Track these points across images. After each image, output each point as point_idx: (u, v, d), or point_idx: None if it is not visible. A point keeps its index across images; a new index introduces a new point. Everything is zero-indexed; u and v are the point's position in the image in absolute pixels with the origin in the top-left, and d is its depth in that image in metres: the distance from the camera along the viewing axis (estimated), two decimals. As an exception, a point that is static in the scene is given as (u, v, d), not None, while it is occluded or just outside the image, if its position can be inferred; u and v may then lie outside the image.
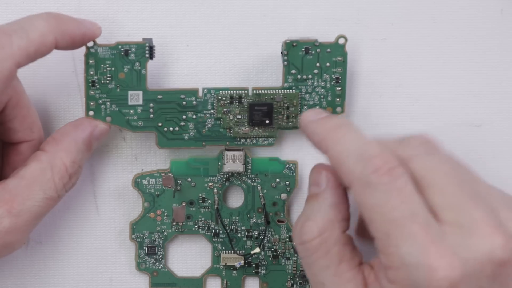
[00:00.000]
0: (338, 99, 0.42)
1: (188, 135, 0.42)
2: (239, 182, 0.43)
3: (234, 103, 0.41)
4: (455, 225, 0.34)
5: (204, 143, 0.42)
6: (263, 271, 0.44)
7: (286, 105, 0.42)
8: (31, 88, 0.43)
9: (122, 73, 0.41)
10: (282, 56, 0.42)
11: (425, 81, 0.44)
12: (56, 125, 0.44)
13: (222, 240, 0.44)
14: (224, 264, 0.43)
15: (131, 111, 0.41)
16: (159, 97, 0.41)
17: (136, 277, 0.44)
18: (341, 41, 0.41)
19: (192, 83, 0.43)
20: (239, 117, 0.42)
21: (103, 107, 0.41)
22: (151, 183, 0.43)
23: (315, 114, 0.38)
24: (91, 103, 0.41)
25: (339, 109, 0.42)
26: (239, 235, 0.44)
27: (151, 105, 0.41)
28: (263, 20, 0.44)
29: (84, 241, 0.44)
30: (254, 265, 0.44)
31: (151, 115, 0.41)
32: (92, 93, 0.41)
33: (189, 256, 0.44)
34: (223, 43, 0.44)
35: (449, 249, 0.33)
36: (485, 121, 0.44)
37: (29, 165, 0.39)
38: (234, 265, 0.43)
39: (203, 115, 0.42)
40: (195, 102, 0.41)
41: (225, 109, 0.41)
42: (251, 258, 0.43)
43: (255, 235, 0.43)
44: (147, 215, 0.43)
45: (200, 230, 0.43)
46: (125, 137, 0.44)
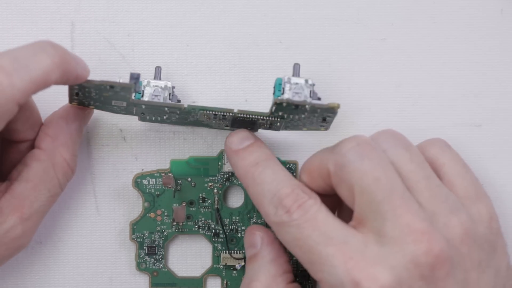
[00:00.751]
0: (322, 127, 0.40)
1: (170, 120, 0.42)
2: (239, 182, 0.43)
3: (217, 118, 0.41)
4: (378, 234, 0.35)
5: (186, 126, 0.43)
6: (263, 271, 0.44)
7: (269, 123, 0.41)
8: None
9: (106, 94, 0.39)
10: (273, 91, 0.39)
11: (425, 81, 0.44)
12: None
13: (222, 240, 0.44)
14: (224, 264, 0.43)
15: (115, 108, 0.40)
16: (143, 107, 0.40)
17: (136, 277, 0.44)
18: (333, 105, 0.37)
19: (192, 83, 0.44)
20: (221, 123, 0.41)
21: (86, 103, 0.40)
22: (151, 183, 0.43)
23: (238, 141, 0.40)
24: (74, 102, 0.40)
25: (322, 128, 0.40)
26: (239, 235, 0.44)
27: (135, 108, 0.40)
28: (263, 20, 0.44)
29: (84, 241, 0.44)
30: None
31: (134, 112, 0.41)
32: (75, 101, 0.40)
33: (189, 256, 0.44)
34: (223, 43, 0.44)
35: (370, 260, 0.34)
36: (485, 121, 0.44)
37: (31, 166, 0.39)
38: (234, 265, 0.43)
39: (186, 116, 0.41)
40: (178, 112, 0.40)
41: (208, 119, 0.41)
42: (251, 258, 0.43)
43: (255, 235, 0.44)
44: (147, 215, 0.43)
45: (200, 230, 0.43)
46: (125, 137, 0.44)
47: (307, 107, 0.37)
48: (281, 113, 0.39)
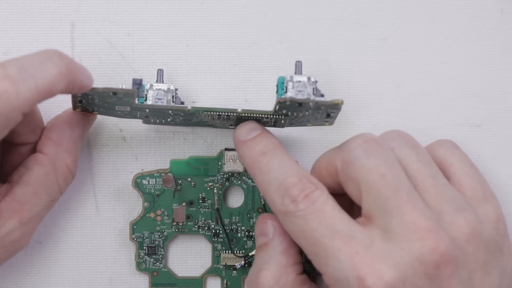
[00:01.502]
0: (326, 122, 0.40)
1: (175, 122, 0.42)
2: (239, 182, 0.43)
3: (222, 119, 0.41)
4: (385, 230, 0.35)
5: (190, 126, 0.43)
6: (263, 271, 0.44)
7: (273, 121, 0.41)
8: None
9: (109, 100, 0.39)
10: (276, 89, 0.39)
11: (425, 81, 0.44)
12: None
13: (222, 240, 0.44)
14: (224, 264, 0.43)
15: (119, 112, 0.40)
16: (147, 110, 0.40)
17: (136, 277, 0.44)
18: (337, 102, 0.38)
19: (192, 83, 0.44)
20: (225, 123, 0.41)
21: (90, 109, 0.40)
22: (151, 183, 0.43)
23: (246, 132, 0.40)
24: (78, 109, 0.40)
25: (327, 124, 0.41)
26: (239, 235, 0.44)
27: (139, 112, 0.41)
28: (263, 20, 0.44)
29: (84, 241, 0.44)
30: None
31: (138, 115, 0.41)
32: (79, 108, 0.40)
33: (189, 256, 0.44)
34: (223, 43, 0.44)
35: (376, 256, 0.34)
36: (485, 121, 0.44)
37: (33, 170, 0.39)
38: (234, 265, 0.43)
39: (190, 117, 0.41)
40: (182, 114, 0.40)
41: (212, 120, 0.41)
42: (251, 258, 0.43)
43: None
44: (147, 215, 0.43)
45: (200, 230, 0.43)
46: (125, 137, 0.44)
47: (311, 104, 0.37)
48: (285, 111, 0.39)
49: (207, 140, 0.44)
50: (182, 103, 0.41)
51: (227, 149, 0.43)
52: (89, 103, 0.39)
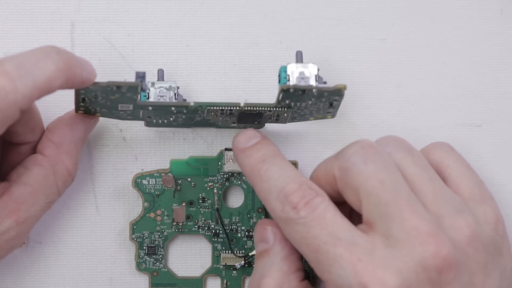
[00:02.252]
0: (329, 113, 0.41)
1: (177, 123, 0.42)
2: (239, 182, 0.43)
3: (224, 114, 0.41)
4: (386, 236, 0.35)
5: (192, 127, 0.43)
6: (263, 271, 0.44)
7: (276, 114, 0.41)
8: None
9: (113, 97, 0.39)
10: (278, 79, 0.40)
11: (425, 81, 0.44)
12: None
13: (222, 240, 0.44)
14: (224, 264, 0.43)
15: (121, 112, 0.40)
16: (150, 108, 0.40)
17: (136, 277, 0.44)
18: (340, 87, 0.38)
19: (192, 83, 0.44)
20: (227, 119, 0.41)
21: (92, 110, 0.40)
22: (151, 183, 0.43)
23: (245, 140, 0.40)
24: (80, 110, 0.40)
25: (329, 116, 0.41)
26: (239, 235, 0.44)
27: (141, 111, 0.40)
28: (263, 20, 0.44)
29: (84, 241, 0.44)
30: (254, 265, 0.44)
31: (141, 115, 0.41)
32: (81, 109, 0.40)
33: (189, 256, 0.44)
34: (223, 43, 0.44)
35: (378, 262, 0.34)
36: (485, 121, 0.44)
37: (32, 171, 0.39)
38: (234, 265, 0.43)
39: (192, 115, 0.41)
40: (185, 110, 0.40)
41: (215, 117, 0.41)
42: (251, 258, 0.43)
43: (255, 235, 0.44)
44: (147, 215, 0.43)
45: (200, 230, 0.43)
46: (125, 137, 0.44)
47: (314, 91, 0.38)
48: (288, 101, 0.39)
49: (207, 140, 0.44)
50: (184, 100, 0.41)
51: (227, 149, 0.43)
52: (92, 101, 0.39)
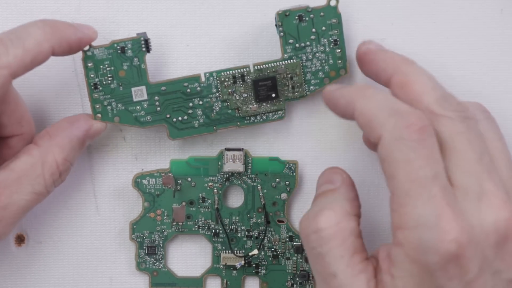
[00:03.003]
0: (339, 61, 0.42)
1: (197, 122, 0.42)
2: (239, 182, 0.43)
3: (237, 83, 0.41)
4: (466, 191, 0.34)
5: (215, 127, 0.42)
6: (263, 271, 0.44)
7: (289, 75, 0.42)
8: (31, 86, 0.43)
9: (122, 71, 0.41)
10: (277, 28, 0.42)
11: (425, 81, 0.44)
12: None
13: (222, 240, 0.44)
14: (224, 264, 0.43)
15: (138, 107, 0.41)
16: (163, 88, 0.41)
17: (136, 277, 0.44)
18: (333, 3, 0.41)
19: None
20: (245, 95, 0.42)
21: (109, 108, 0.41)
22: (151, 183, 0.43)
23: (338, 85, 0.39)
24: (97, 106, 0.41)
25: (342, 72, 0.42)
26: (239, 235, 0.44)
27: (156, 98, 0.41)
28: (263, 20, 0.44)
29: (84, 241, 0.44)
30: (254, 265, 0.44)
31: (158, 108, 0.41)
32: (96, 96, 0.41)
33: (189, 256, 0.44)
34: (223, 43, 0.44)
35: (461, 213, 0.33)
36: (485, 121, 0.44)
37: (20, 158, 0.39)
38: (234, 265, 0.43)
39: (209, 100, 0.42)
40: (199, 88, 0.41)
41: (230, 90, 0.42)
42: (251, 258, 0.43)
43: (255, 235, 0.44)
44: (147, 215, 0.43)
45: (200, 230, 0.43)
46: (125, 137, 0.44)
47: (309, 9, 0.41)
48: (291, 40, 0.41)
49: (207, 140, 0.44)
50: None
51: (227, 149, 0.43)
52: (103, 85, 0.41)
